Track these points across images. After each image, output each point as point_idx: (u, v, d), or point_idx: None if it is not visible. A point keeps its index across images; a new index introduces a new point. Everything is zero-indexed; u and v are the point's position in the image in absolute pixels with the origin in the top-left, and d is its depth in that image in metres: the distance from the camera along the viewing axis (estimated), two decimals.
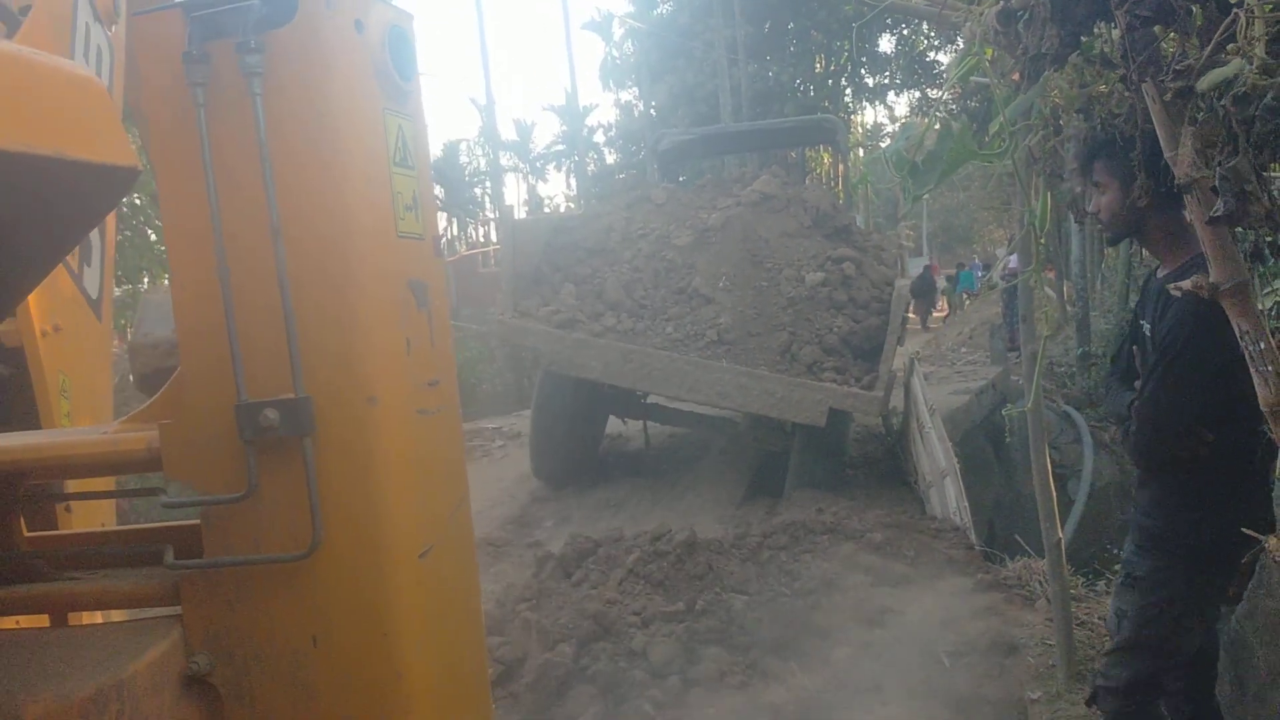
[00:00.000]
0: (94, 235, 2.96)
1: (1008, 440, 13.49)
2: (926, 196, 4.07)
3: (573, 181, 50.96)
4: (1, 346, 2.80)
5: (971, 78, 3.07)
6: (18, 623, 2.11)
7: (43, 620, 2.08)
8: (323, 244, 1.72)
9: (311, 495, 1.70)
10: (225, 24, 1.66)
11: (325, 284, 1.72)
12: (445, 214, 51.05)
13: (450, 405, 2.01)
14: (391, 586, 1.78)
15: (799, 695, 4.98)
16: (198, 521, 1.81)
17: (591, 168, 42.40)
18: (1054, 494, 4.51)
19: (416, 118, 1.95)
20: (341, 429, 1.73)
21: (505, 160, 53.90)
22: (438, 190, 50.64)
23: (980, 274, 29.79)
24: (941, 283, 31.28)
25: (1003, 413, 9.81)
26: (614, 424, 10.27)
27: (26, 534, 2.17)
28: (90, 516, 2.66)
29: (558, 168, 56.80)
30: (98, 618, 2.20)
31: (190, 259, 1.75)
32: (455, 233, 53.64)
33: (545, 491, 9.41)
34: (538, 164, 57.51)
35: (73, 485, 2.56)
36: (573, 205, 47.06)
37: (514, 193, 61.21)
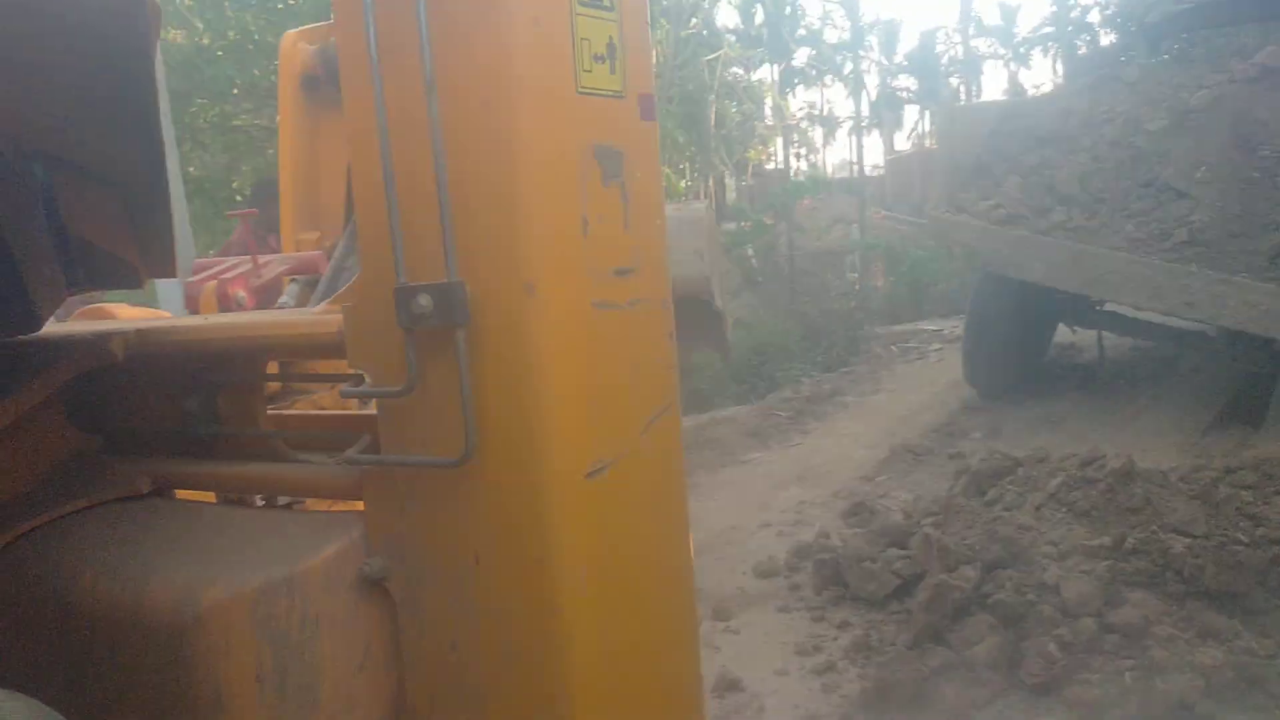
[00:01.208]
0: None
1: None
2: None
3: (1059, 67, 46.73)
4: None
5: None
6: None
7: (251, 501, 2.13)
8: (479, 102, 1.47)
9: (464, 396, 1.52)
10: None
11: (483, 149, 1.48)
12: (918, 106, 49.23)
13: (650, 299, 1.72)
14: (547, 507, 1.55)
15: (1239, 659, 4.21)
16: None
17: (1083, 50, 38.51)
18: None
19: None
20: (498, 321, 1.52)
21: (985, 46, 50.70)
22: (909, 82, 48.90)
23: None
24: None
25: None
26: (1063, 333, 9.32)
27: (268, 411, 2.17)
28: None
29: (1044, 52, 52.33)
30: (323, 504, 2.14)
31: (360, 123, 1.57)
32: (928, 127, 51.66)
33: (977, 401, 8.81)
34: (1021, 49, 53.36)
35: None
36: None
37: (993, 82, 57.46)
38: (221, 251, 7.08)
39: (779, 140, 40.64)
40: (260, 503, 2.19)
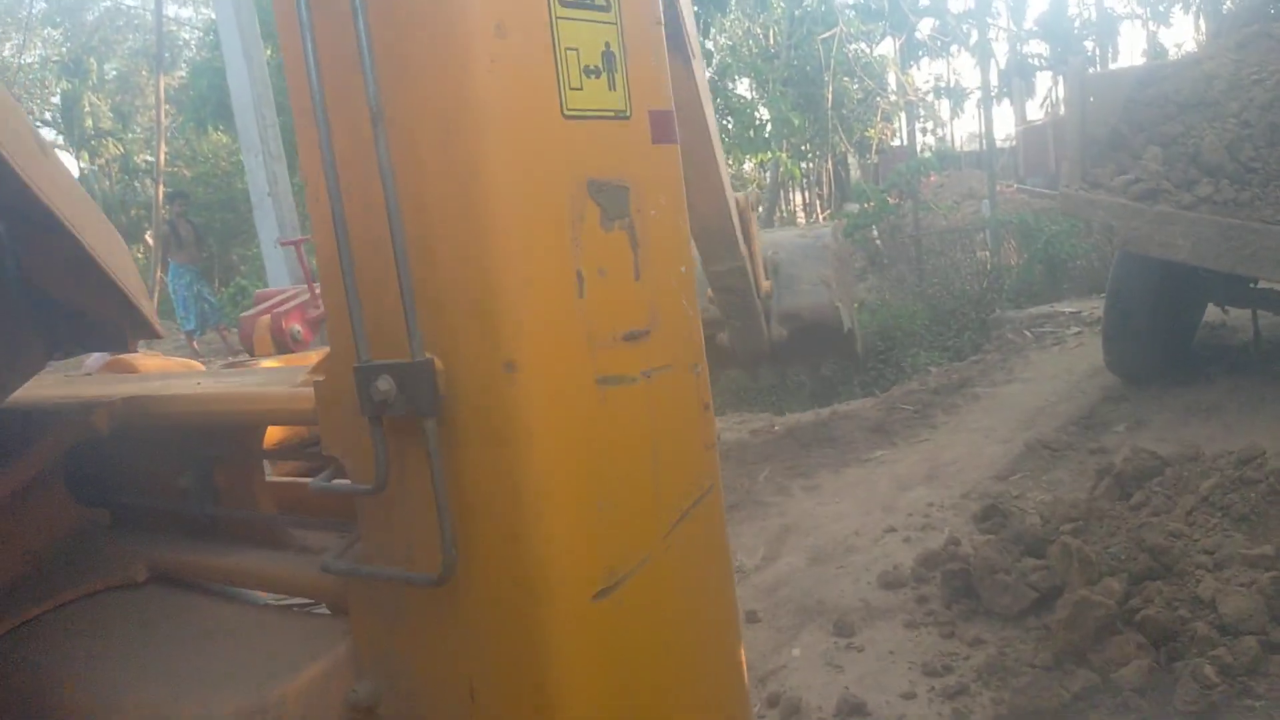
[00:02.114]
0: None
1: None
2: None
3: (1202, 24, 44.09)
4: None
5: None
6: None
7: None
8: (439, 136, 1.19)
9: (439, 500, 1.25)
10: None
11: (445, 195, 1.20)
12: (1050, 73, 47.17)
13: (675, 365, 1.42)
14: (546, 637, 1.27)
15: None
16: None
17: (1228, 4, 36.26)
18: None
19: None
20: (475, 409, 1.24)
21: (1121, 6, 48.25)
22: (1040, 47, 46.91)
23: None
24: None
25: None
26: (1213, 312, 8.65)
27: (268, 479, 2.00)
28: None
29: (1185, 9, 49.45)
30: None
31: (312, 167, 1.28)
32: (1061, 94, 49.38)
33: (1120, 389, 8.24)
34: (1160, 7, 50.56)
35: None
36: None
37: (1131, 44, 54.56)
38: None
39: (903, 116, 39.57)
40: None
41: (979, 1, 29.57)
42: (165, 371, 2.50)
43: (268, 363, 2.80)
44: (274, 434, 2.07)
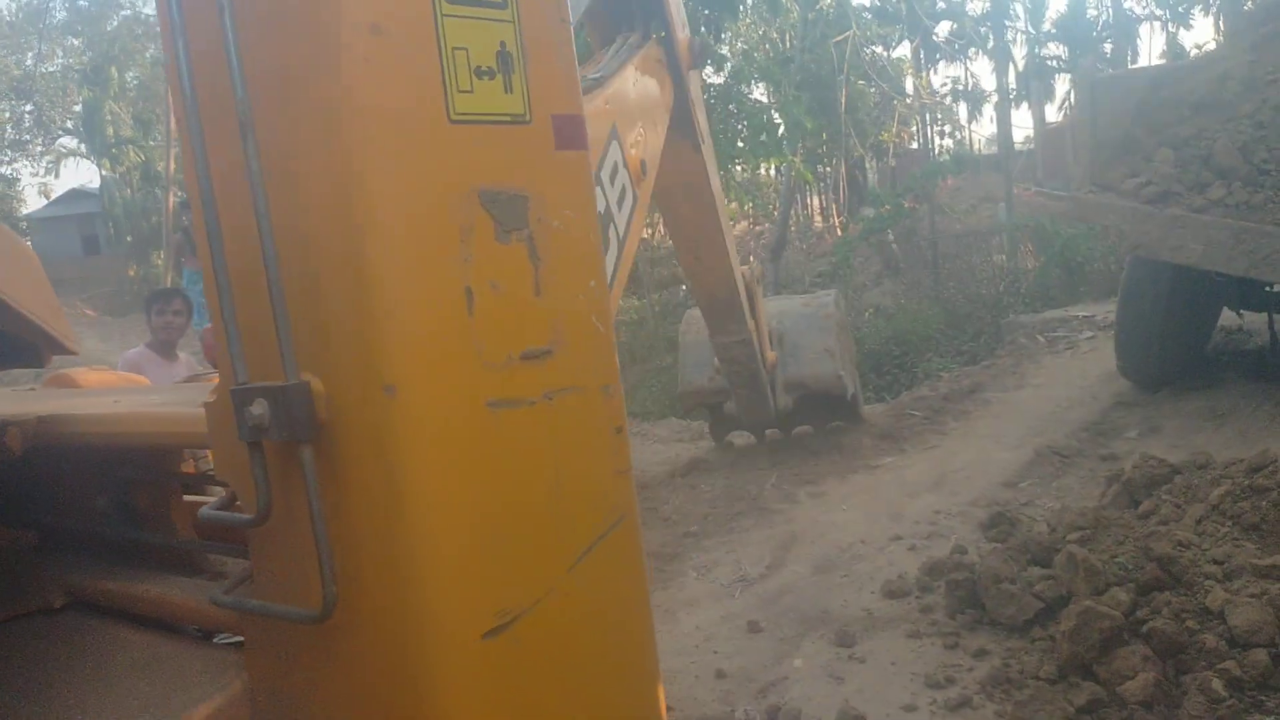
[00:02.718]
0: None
1: None
2: None
3: (1223, 25, 43.63)
4: None
5: None
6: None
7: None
8: (314, 143, 1.12)
9: (317, 533, 1.15)
10: None
11: (321, 206, 1.14)
12: (1068, 76, 46.83)
13: (582, 387, 1.33)
14: (431, 679, 1.17)
15: None
16: None
17: (1249, 4, 35.89)
18: None
19: None
20: (354, 432, 1.14)
21: (1140, 8, 47.82)
22: (1058, 49, 46.58)
23: None
24: None
25: None
26: (1229, 316, 8.52)
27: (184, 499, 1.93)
28: None
29: (1205, 10, 48.98)
30: None
31: (191, 176, 1.19)
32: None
33: (1133, 394, 8.13)
34: (1180, 8, 50.10)
35: None
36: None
37: (1148, 46, 54.11)
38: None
39: (922, 119, 39.38)
40: None
41: (996, 4, 29.44)
42: (102, 388, 2.43)
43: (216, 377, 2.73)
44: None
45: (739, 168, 18.58)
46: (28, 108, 43.00)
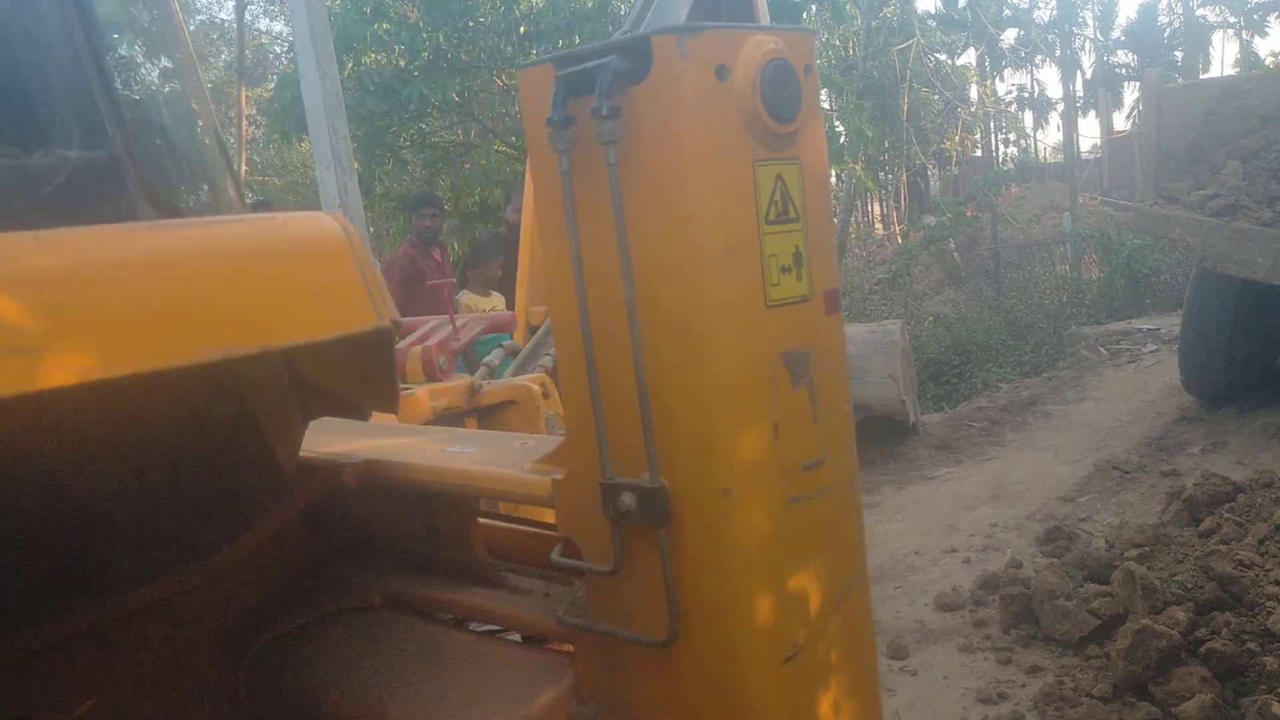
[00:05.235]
0: None
1: None
2: None
3: None
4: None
5: None
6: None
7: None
8: (676, 322, 1.60)
9: (667, 587, 1.65)
10: (588, 81, 1.59)
11: (679, 366, 1.61)
12: (1137, 83, 45.96)
13: (838, 487, 1.79)
14: (748, 691, 1.66)
15: None
16: None
17: None
18: None
19: (805, 156, 1.69)
20: (697, 521, 1.63)
21: (1213, 15, 46.81)
22: (1128, 57, 45.80)
23: None
24: None
25: None
26: None
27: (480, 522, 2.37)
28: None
29: None
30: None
31: (565, 321, 1.73)
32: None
33: (1197, 409, 7.97)
34: (1254, 15, 48.91)
35: None
36: None
37: (1220, 54, 52.82)
38: (386, 269, 7.57)
39: (984, 126, 38.89)
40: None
41: (1064, 11, 28.99)
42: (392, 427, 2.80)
43: (420, 390, 3.35)
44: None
45: None
46: None
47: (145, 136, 1.77)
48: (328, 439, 2.36)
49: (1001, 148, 44.54)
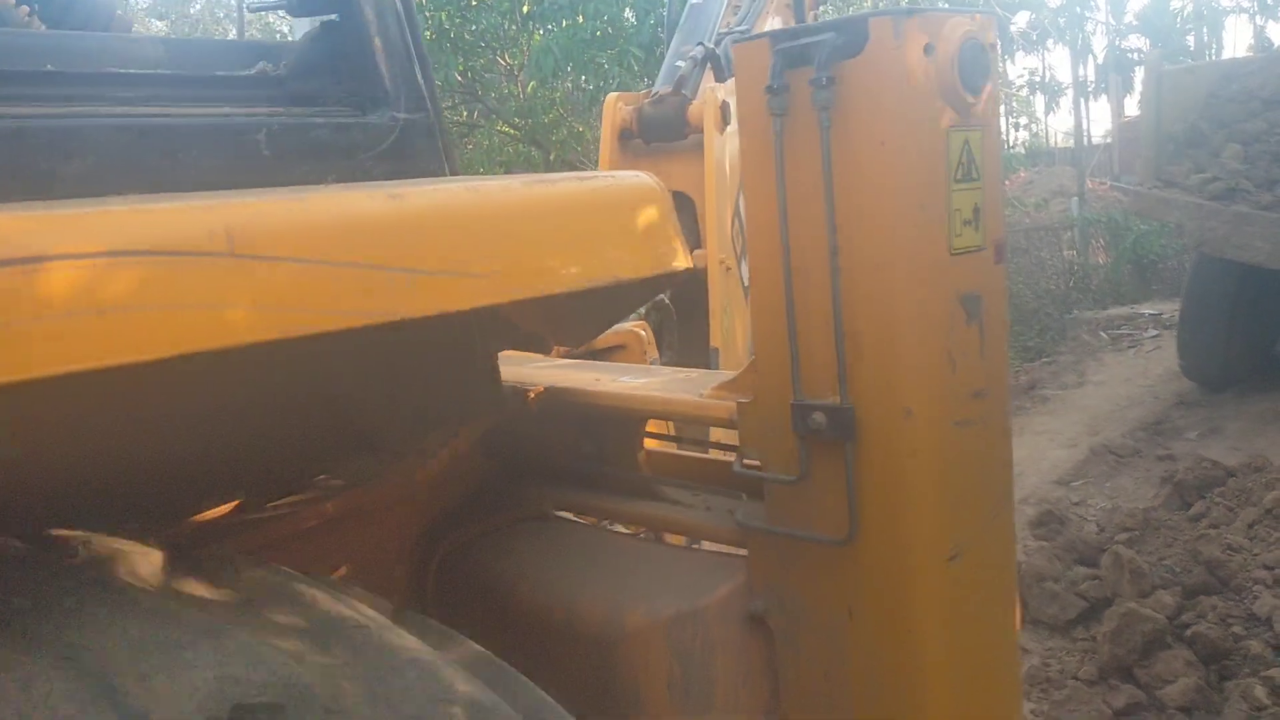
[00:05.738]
0: None
1: None
2: None
3: None
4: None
5: None
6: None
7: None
8: (872, 265, 1.80)
9: (849, 493, 1.86)
10: (804, 55, 1.79)
11: (872, 302, 1.81)
12: (1144, 69, 45.49)
13: (996, 414, 2.01)
14: (918, 582, 1.89)
15: None
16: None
17: None
18: None
19: (987, 124, 1.91)
20: (879, 437, 1.84)
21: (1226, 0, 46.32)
22: (1139, 42, 45.36)
23: None
24: None
25: None
26: None
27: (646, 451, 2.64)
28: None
29: None
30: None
31: (766, 264, 1.94)
32: None
33: (1195, 395, 7.95)
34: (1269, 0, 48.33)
35: None
36: None
37: (1233, 38, 52.22)
38: None
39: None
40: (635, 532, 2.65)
41: None
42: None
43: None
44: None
45: None
46: None
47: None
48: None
49: (1013, 132, 44.26)
